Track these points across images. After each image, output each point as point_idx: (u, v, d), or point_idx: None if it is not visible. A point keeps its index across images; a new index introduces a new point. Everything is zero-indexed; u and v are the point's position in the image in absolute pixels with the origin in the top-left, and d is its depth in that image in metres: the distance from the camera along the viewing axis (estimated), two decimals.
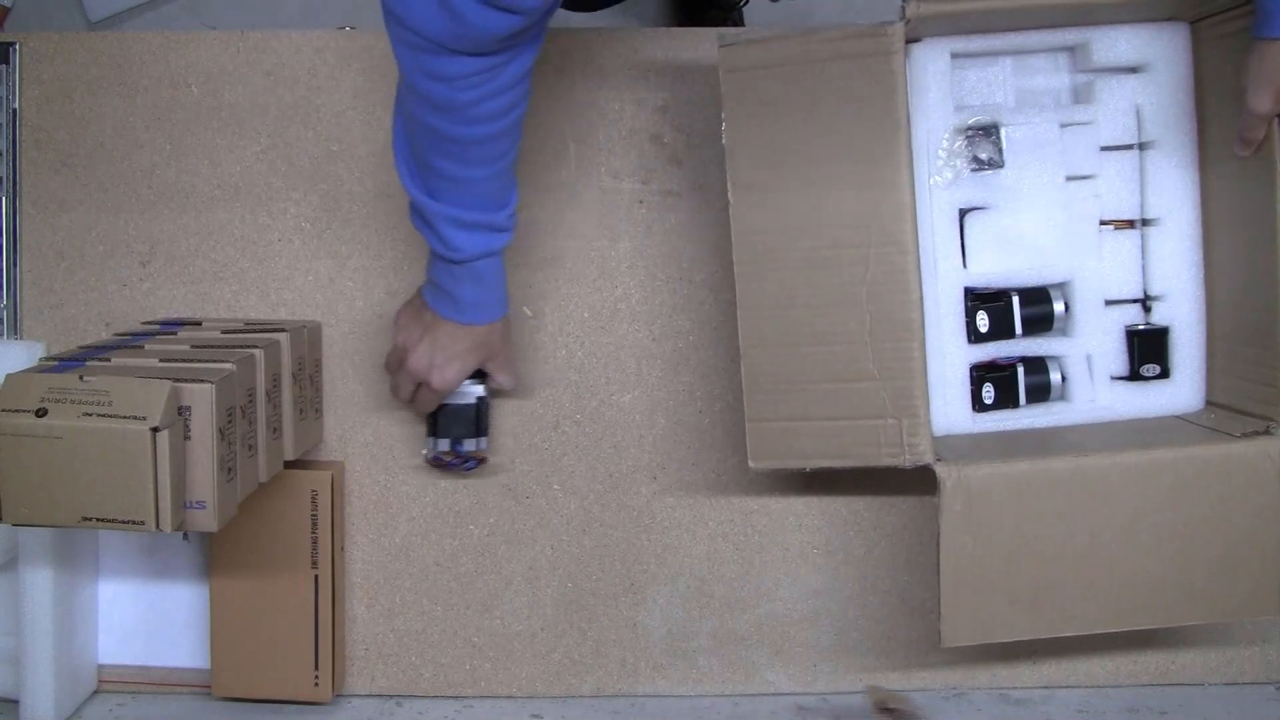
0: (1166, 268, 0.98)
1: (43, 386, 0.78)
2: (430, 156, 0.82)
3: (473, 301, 0.92)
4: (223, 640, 1.03)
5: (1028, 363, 0.98)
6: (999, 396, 0.98)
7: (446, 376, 0.95)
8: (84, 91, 1.05)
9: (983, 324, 0.97)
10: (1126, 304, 0.99)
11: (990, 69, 0.98)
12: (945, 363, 0.97)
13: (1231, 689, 1.07)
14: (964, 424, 0.98)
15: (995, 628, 0.91)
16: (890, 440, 0.90)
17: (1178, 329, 0.98)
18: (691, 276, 1.05)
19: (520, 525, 1.07)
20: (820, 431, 0.91)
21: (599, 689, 1.07)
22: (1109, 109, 0.97)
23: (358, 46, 1.05)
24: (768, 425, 0.92)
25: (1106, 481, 0.89)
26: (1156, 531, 0.90)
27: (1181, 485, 0.89)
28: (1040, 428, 0.99)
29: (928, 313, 0.95)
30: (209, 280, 1.06)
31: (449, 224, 0.85)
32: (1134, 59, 0.96)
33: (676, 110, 1.04)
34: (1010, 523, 0.89)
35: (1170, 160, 0.97)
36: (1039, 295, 0.98)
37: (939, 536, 0.89)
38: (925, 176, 0.96)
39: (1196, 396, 0.99)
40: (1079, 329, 0.98)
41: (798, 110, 0.89)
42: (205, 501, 0.81)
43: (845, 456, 0.91)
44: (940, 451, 0.91)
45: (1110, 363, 0.99)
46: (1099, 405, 0.99)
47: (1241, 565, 0.90)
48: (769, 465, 0.93)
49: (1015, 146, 0.96)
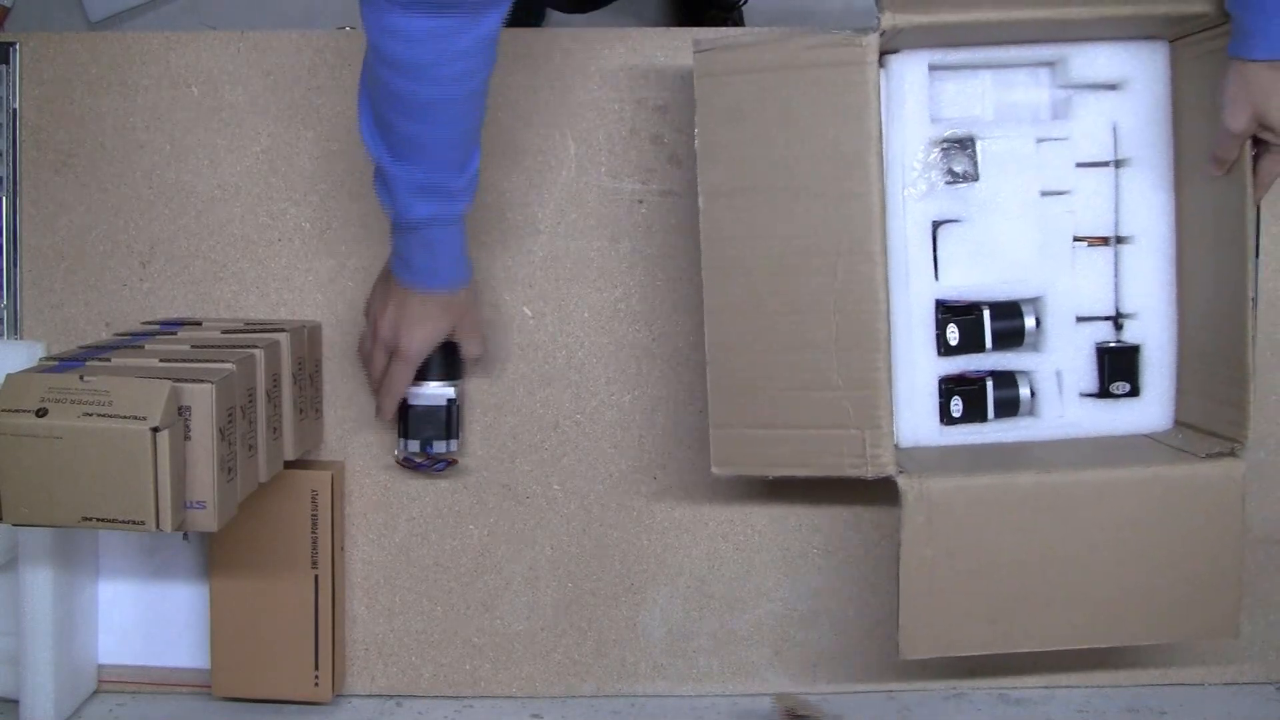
0: (1139, 286, 0.98)
1: (43, 386, 0.78)
2: (391, 117, 0.82)
3: (427, 268, 0.92)
4: (223, 640, 1.03)
5: (997, 377, 0.98)
6: (967, 410, 0.97)
7: (414, 341, 0.94)
8: (84, 91, 1.05)
9: (953, 337, 0.97)
10: (1098, 321, 0.99)
11: (969, 82, 0.98)
12: (914, 374, 0.97)
13: (1231, 689, 1.07)
14: (931, 436, 0.98)
15: (954, 641, 0.92)
16: (853, 451, 0.91)
17: (1149, 347, 0.98)
18: (691, 276, 1.05)
19: (520, 525, 1.07)
20: (784, 440, 0.92)
21: (599, 689, 1.07)
22: (1086, 125, 0.97)
23: (358, 46, 1.04)
24: (732, 432, 0.93)
25: (1070, 498, 0.89)
26: (1118, 550, 0.90)
27: (1145, 504, 0.90)
28: (1008, 442, 0.99)
29: (898, 324, 0.95)
30: (209, 280, 1.06)
31: (406, 188, 0.85)
32: (1113, 76, 0.96)
33: (676, 110, 1.04)
34: (972, 537, 0.90)
35: (1146, 178, 0.97)
36: (1010, 309, 0.97)
37: (899, 548, 0.89)
38: (899, 188, 0.96)
39: (1165, 415, 0.99)
40: (1050, 344, 0.98)
41: (771, 117, 0.89)
42: (205, 501, 0.81)
43: (808, 466, 0.92)
44: (906, 464, 0.91)
45: (1080, 379, 0.99)
46: (1067, 421, 0.99)
47: (1202, 587, 0.91)
48: (732, 472, 0.93)
49: (991, 160, 0.96)
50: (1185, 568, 0.90)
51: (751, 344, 0.92)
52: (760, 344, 0.91)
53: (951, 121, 0.97)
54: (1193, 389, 0.97)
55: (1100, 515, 0.90)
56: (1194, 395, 0.96)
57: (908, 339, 0.96)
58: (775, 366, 0.91)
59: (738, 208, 0.91)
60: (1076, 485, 0.89)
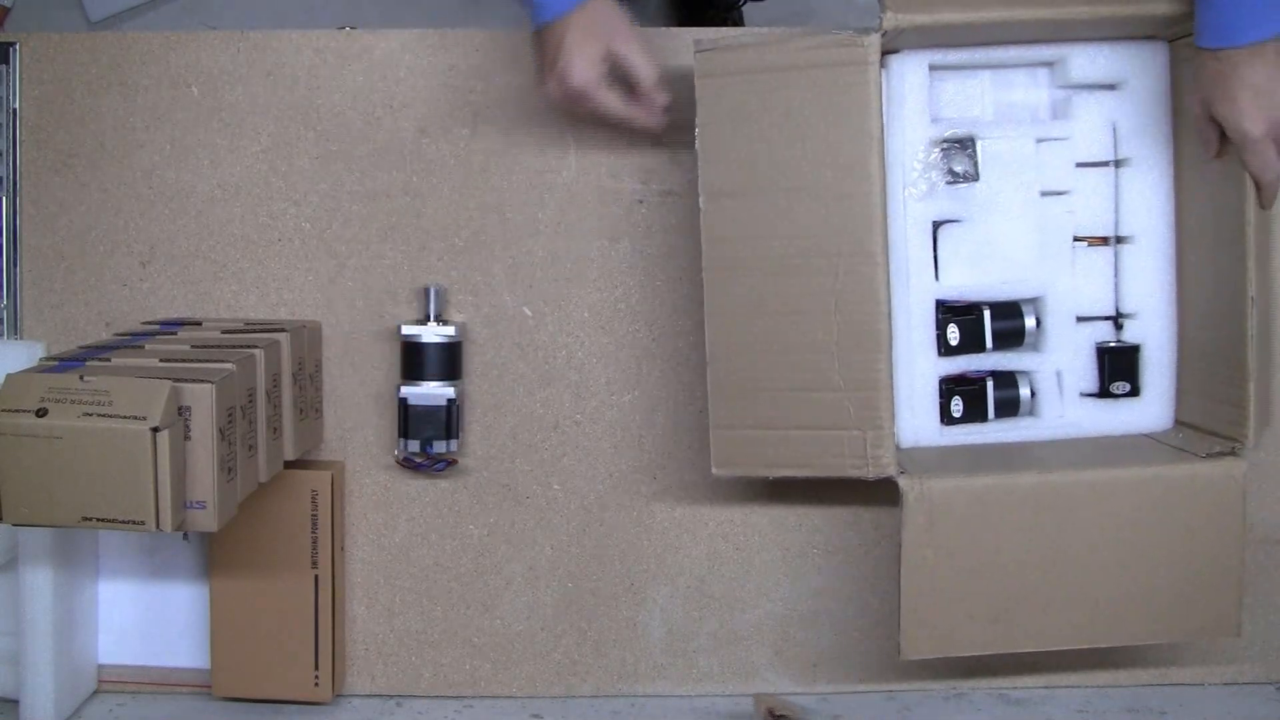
0: (1139, 285, 0.98)
1: (43, 386, 0.78)
2: None
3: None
4: (223, 640, 1.03)
5: (997, 377, 0.98)
6: (968, 410, 0.97)
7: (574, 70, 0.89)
8: (84, 91, 1.05)
9: (953, 337, 0.97)
10: (1098, 321, 0.99)
11: (969, 82, 0.98)
12: (914, 375, 0.97)
13: (1231, 689, 1.07)
14: (932, 436, 0.98)
15: (955, 641, 0.92)
16: (854, 452, 0.91)
17: (1149, 347, 0.98)
18: (691, 276, 1.05)
19: (520, 525, 1.07)
20: (784, 440, 0.92)
21: (599, 689, 1.07)
22: (1086, 125, 0.97)
23: (358, 46, 1.04)
24: (732, 433, 0.93)
25: (1071, 498, 0.89)
26: (1119, 549, 0.90)
27: (1146, 504, 0.90)
28: (1008, 442, 0.99)
29: (898, 324, 0.95)
30: (209, 280, 1.06)
31: None
32: (1112, 76, 0.96)
33: (676, 111, 1.04)
34: (972, 537, 0.90)
35: (1145, 178, 0.97)
36: (1010, 310, 0.97)
37: (900, 549, 0.89)
38: (900, 188, 0.96)
39: (1166, 415, 0.99)
40: (1050, 344, 0.98)
41: (772, 118, 0.89)
42: (205, 501, 0.81)
43: (809, 466, 0.92)
44: (906, 464, 0.91)
45: (1080, 379, 0.99)
46: (1068, 421, 0.99)
47: (1203, 586, 0.91)
48: (732, 472, 0.93)
49: (991, 160, 0.96)
50: (1186, 567, 0.90)
51: (752, 344, 0.92)
52: (761, 344, 0.91)
53: (951, 121, 0.97)
54: (1193, 389, 0.97)
55: (1101, 515, 0.90)
56: (1194, 395, 0.96)
57: (908, 339, 0.96)
58: (776, 367, 0.91)
59: (738, 208, 0.91)
60: (1077, 485, 0.89)
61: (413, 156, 1.05)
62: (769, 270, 0.91)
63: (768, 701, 0.99)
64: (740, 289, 0.91)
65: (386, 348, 1.05)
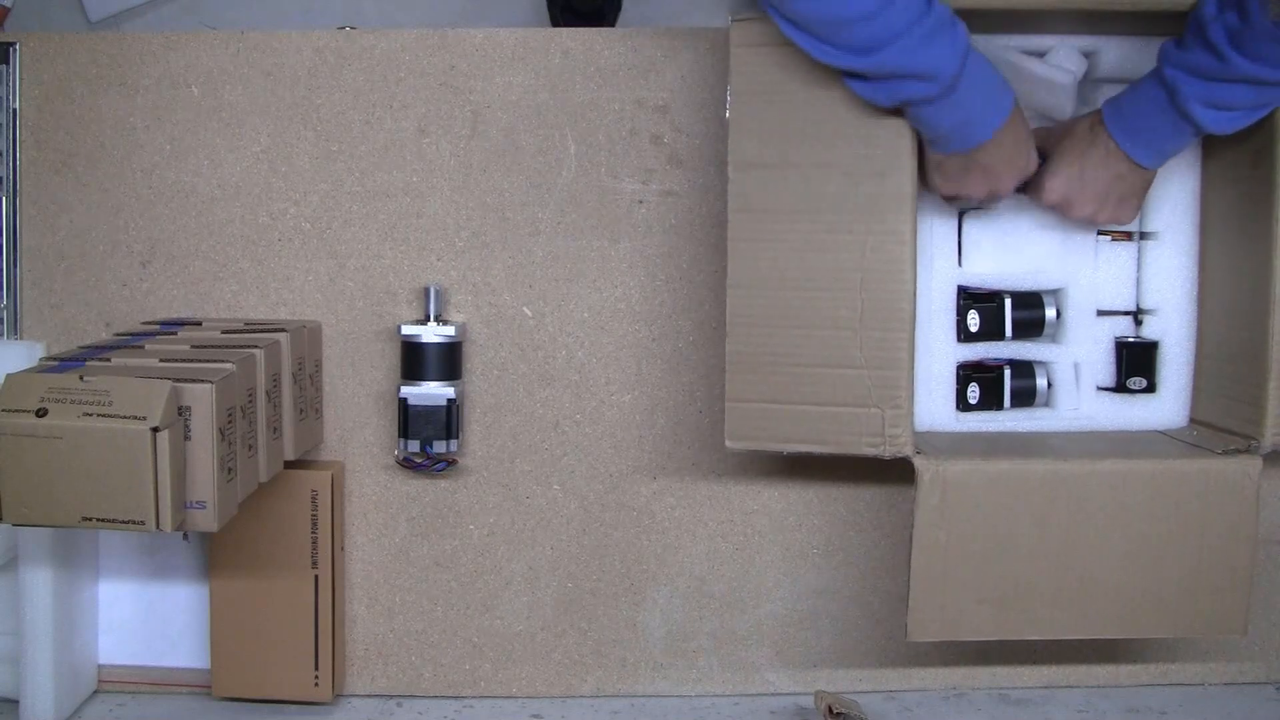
0: (1161, 282, 0.98)
1: (43, 386, 0.78)
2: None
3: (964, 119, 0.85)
4: (223, 640, 1.03)
5: (1015, 366, 0.98)
6: (984, 397, 0.98)
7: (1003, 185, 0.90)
8: (84, 91, 1.05)
9: (973, 323, 0.97)
10: (1118, 315, 0.99)
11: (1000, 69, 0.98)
12: (933, 359, 0.97)
13: (1231, 689, 1.08)
14: (947, 422, 0.98)
15: (962, 625, 0.91)
16: (871, 430, 0.90)
17: (1167, 344, 0.98)
18: (691, 276, 1.05)
19: (520, 525, 1.07)
20: (801, 416, 0.90)
21: (599, 689, 1.07)
22: None
23: (358, 46, 1.04)
24: (748, 406, 0.91)
25: (1084, 488, 0.89)
26: (1130, 542, 0.90)
27: (1158, 497, 0.89)
28: (1022, 432, 0.99)
29: (919, 308, 0.94)
30: (209, 280, 1.06)
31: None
32: (1140, 70, 0.95)
33: (676, 110, 1.04)
34: (985, 521, 0.89)
35: (1172, 174, 0.97)
36: (1031, 299, 0.98)
37: (913, 529, 0.89)
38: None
39: (1181, 412, 0.99)
40: (1069, 336, 0.98)
41: (805, 92, 0.88)
42: (205, 501, 0.81)
43: (824, 443, 0.91)
44: (920, 446, 0.91)
45: (1097, 372, 0.99)
46: (1083, 414, 0.99)
47: (1211, 582, 0.90)
48: (746, 446, 0.92)
49: None
50: (1196, 563, 0.90)
51: (773, 318, 0.90)
52: (781, 318, 0.90)
53: None
54: (1209, 387, 0.97)
55: (1114, 506, 0.89)
56: (1210, 393, 0.96)
57: (928, 323, 0.96)
58: (797, 341, 0.90)
59: (767, 182, 0.89)
60: (1092, 475, 0.89)
61: (413, 156, 1.05)
62: (795, 244, 0.90)
63: (828, 699, 0.98)
64: (764, 261, 0.90)
65: (386, 348, 1.05)
